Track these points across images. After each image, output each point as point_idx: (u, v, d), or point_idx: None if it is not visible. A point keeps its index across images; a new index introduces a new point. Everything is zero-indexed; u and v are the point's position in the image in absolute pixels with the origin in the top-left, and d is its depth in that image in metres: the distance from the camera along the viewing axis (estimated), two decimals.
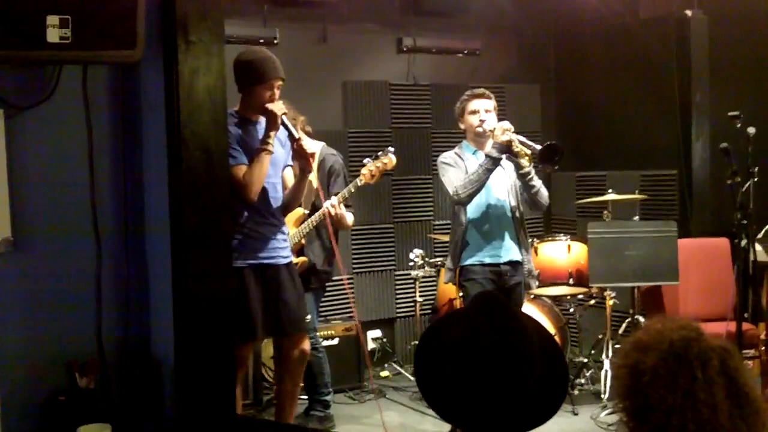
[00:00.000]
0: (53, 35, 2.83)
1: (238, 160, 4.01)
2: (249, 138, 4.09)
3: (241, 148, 4.04)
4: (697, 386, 1.69)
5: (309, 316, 5.01)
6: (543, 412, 1.88)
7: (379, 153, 4.82)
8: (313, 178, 5.01)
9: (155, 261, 3.48)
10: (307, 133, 5.11)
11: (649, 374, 1.72)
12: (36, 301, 3.33)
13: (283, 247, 4.25)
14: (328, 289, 5.47)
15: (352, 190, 4.86)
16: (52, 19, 2.82)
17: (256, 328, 4.12)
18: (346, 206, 5.03)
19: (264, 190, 4.10)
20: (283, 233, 4.28)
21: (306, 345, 4.45)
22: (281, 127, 4.10)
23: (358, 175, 4.84)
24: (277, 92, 4.08)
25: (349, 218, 5.09)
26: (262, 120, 4.11)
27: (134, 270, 3.51)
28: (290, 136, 4.15)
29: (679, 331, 1.76)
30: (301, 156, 4.15)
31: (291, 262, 4.33)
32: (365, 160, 4.84)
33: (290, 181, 4.46)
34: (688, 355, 1.72)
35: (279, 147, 4.20)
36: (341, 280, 5.65)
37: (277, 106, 4.04)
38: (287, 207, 4.35)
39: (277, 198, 4.22)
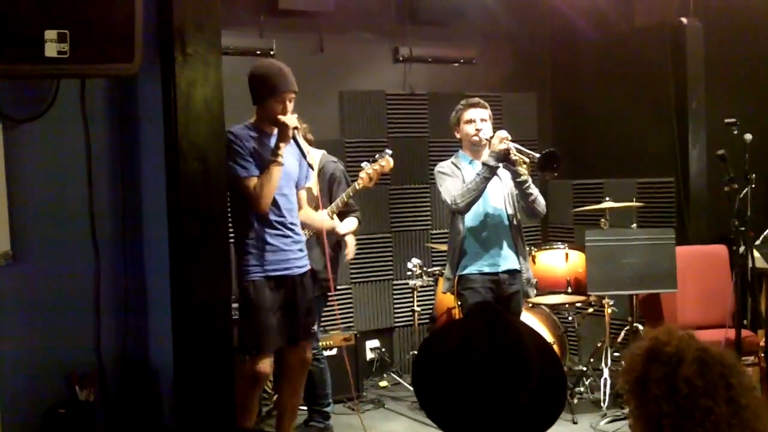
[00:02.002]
0: (51, 50, 2.84)
1: (250, 172, 4.04)
2: (263, 150, 4.12)
3: (254, 160, 4.07)
4: (735, 393, 1.69)
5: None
6: (541, 422, 1.88)
7: (377, 155, 4.85)
8: (313, 185, 5.03)
9: (153, 272, 3.48)
10: (309, 142, 5.13)
11: (685, 387, 1.70)
12: (35, 314, 3.33)
13: (299, 257, 4.28)
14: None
15: (345, 200, 4.89)
16: (50, 34, 2.83)
17: (270, 341, 4.13)
18: (352, 211, 5.06)
19: (276, 202, 4.12)
20: (300, 243, 4.30)
21: (308, 353, 4.44)
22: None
23: (356, 179, 4.88)
24: (290, 105, 4.12)
25: (351, 224, 5.10)
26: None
27: (133, 281, 3.51)
28: (301, 152, 4.19)
29: (692, 340, 1.76)
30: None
31: (307, 272, 4.35)
32: (363, 164, 4.87)
33: (304, 202, 4.48)
34: (715, 362, 1.72)
35: (292, 159, 4.23)
36: (341, 289, 5.65)
37: (289, 119, 4.08)
38: None
39: (291, 209, 4.24)
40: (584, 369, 5.92)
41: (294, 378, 4.43)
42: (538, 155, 4.55)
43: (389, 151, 4.87)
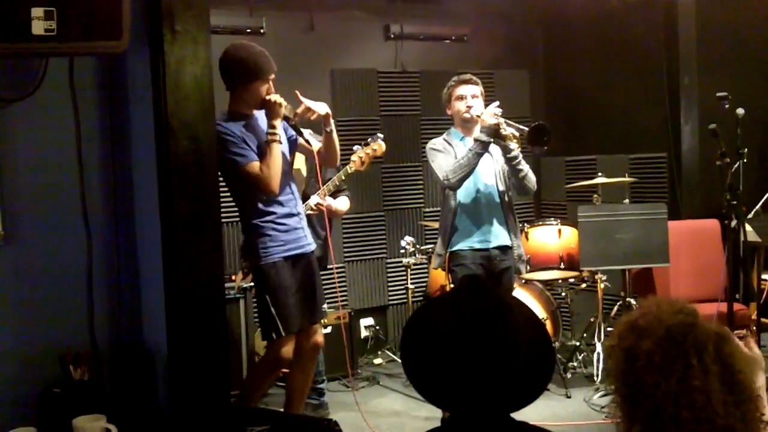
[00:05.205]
0: (38, 27, 2.81)
1: (249, 158, 3.99)
2: (251, 133, 4.06)
3: (248, 146, 4.01)
4: (691, 373, 1.69)
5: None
6: (529, 393, 1.89)
7: (369, 139, 4.84)
8: (301, 167, 5.03)
9: (146, 251, 3.48)
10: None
11: (644, 359, 1.72)
12: (28, 294, 3.33)
13: (307, 234, 4.27)
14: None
15: (337, 183, 4.88)
16: (37, 11, 2.80)
17: (295, 322, 4.14)
18: (340, 191, 5.06)
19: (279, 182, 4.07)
20: (304, 221, 4.29)
21: (320, 336, 4.43)
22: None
23: (348, 163, 4.86)
24: (272, 85, 4.08)
25: (344, 204, 5.11)
26: (257, 113, 4.11)
27: (125, 260, 3.51)
28: (297, 130, 4.23)
29: (676, 315, 1.76)
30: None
31: (314, 250, 4.34)
32: (354, 147, 4.87)
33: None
34: (685, 341, 1.72)
35: (282, 136, 4.20)
36: (333, 269, 5.66)
37: (278, 97, 4.04)
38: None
39: (292, 187, 4.22)
40: (577, 344, 5.96)
41: (305, 362, 4.39)
42: (527, 129, 4.56)
43: (381, 135, 4.87)
